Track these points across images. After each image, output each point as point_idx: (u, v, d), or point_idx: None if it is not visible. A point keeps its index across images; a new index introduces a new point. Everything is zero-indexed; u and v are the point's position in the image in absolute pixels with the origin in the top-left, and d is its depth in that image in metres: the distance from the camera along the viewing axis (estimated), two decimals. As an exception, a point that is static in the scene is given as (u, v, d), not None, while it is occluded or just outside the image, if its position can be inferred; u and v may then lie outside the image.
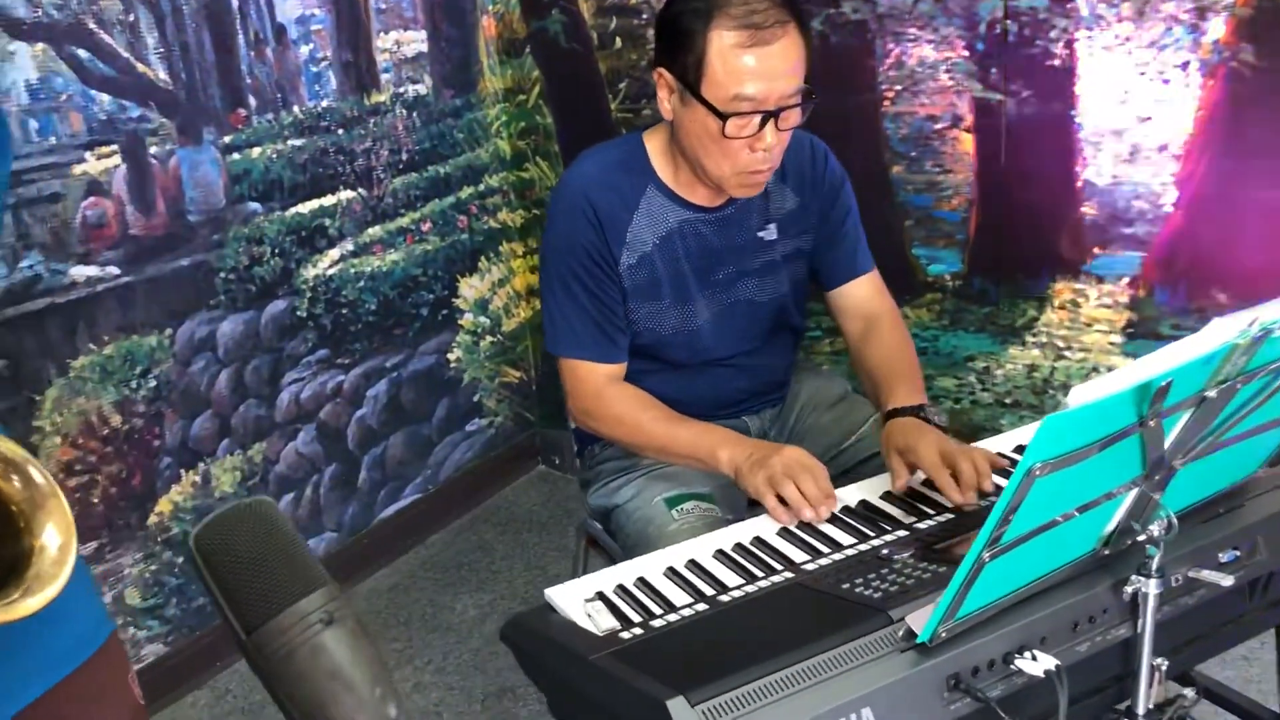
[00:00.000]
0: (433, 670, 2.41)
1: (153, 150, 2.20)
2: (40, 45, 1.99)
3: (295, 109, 2.50)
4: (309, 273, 2.56)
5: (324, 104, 2.56)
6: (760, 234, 1.71)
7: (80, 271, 2.10)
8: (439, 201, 2.89)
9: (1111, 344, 2.40)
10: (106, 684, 0.91)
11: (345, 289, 2.66)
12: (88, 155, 2.09)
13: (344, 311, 2.67)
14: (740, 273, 1.72)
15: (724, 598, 1.29)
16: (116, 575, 2.24)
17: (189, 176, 2.28)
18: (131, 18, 2.12)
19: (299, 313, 2.55)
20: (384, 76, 2.72)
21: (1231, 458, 1.25)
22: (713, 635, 1.21)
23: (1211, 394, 1.05)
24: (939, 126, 2.47)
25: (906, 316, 2.61)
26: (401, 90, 2.76)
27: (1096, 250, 2.37)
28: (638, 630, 1.23)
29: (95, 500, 2.18)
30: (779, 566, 1.36)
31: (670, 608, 1.28)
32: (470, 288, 3.03)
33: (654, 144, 1.65)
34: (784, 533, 1.45)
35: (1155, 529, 1.16)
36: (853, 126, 2.58)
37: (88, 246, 2.11)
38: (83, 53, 2.05)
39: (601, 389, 1.67)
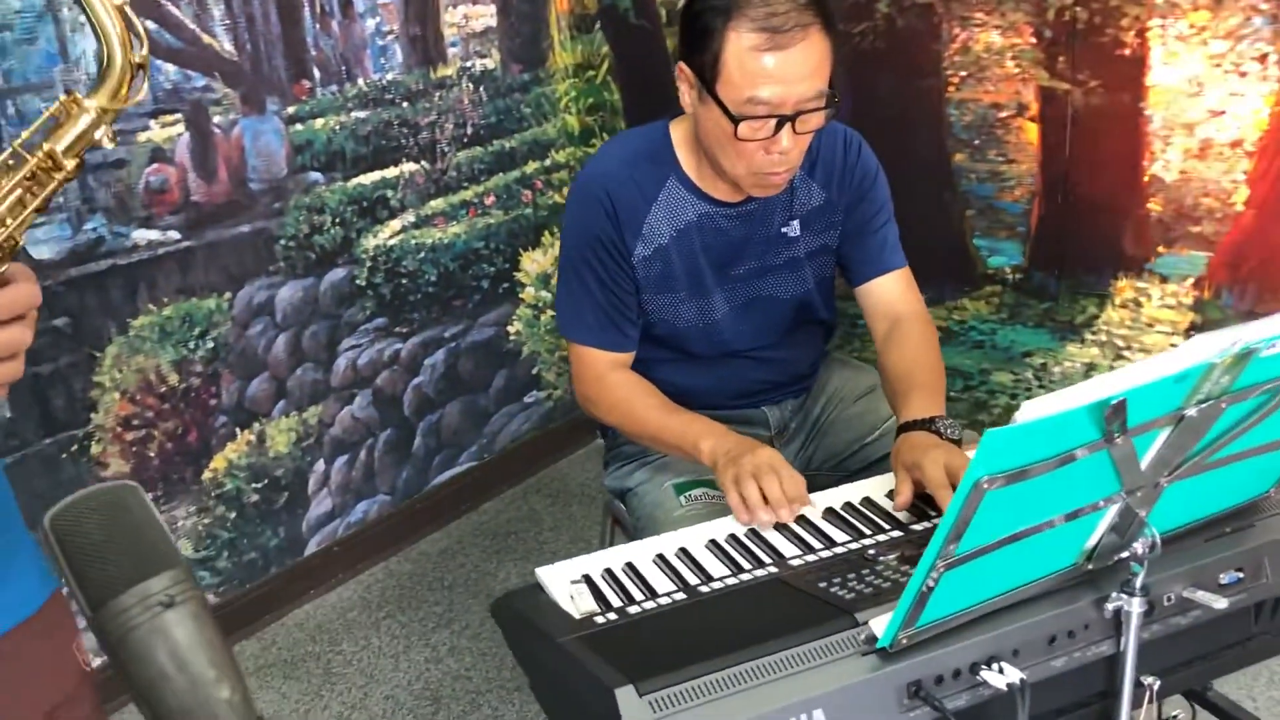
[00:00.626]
0: (469, 635, 2.47)
1: (216, 119, 2.27)
2: (109, 16, 2.07)
3: (360, 81, 2.55)
4: (369, 242, 2.62)
5: (389, 77, 2.61)
6: (784, 230, 1.69)
7: (142, 235, 2.18)
8: (504, 175, 2.92)
9: (1173, 346, 2.31)
10: (45, 648, 0.95)
11: (405, 260, 2.71)
12: (152, 123, 2.17)
13: (404, 281, 2.72)
14: (762, 269, 1.70)
15: (704, 589, 1.29)
16: (172, 527, 2.34)
17: (251, 145, 2.35)
18: (199, -10, 2.19)
19: (358, 281, 2.62)
20: (451, 50, 2.75)
21: (1233, 477, 1.20)
22: (681, 625, 1.21)
23: (1191, 413, 1.01)
24: (1004, 115, 2.41)
25: (964, 308, 2.57)
26: (469, 64, 2.79)
27: (1161, 249, 2.28)
28: (613, 615, 1.24)
29: (151, 454, 2.28)
30: (767, 560, 1.36)
31: (652, 594, 1.29)
32: (533, 262, 3.06)
33: (679, 134, 1.64)
34: (781, 526, 1.44)
35: (1139, 546, 1.13)
36: (916, 112, 2.52)
37: (150, 211, 2.19)
38: (150, 23, 2.13)
39: (604, 375, 1.67)
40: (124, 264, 2.16)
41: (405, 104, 2.65)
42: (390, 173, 2.65)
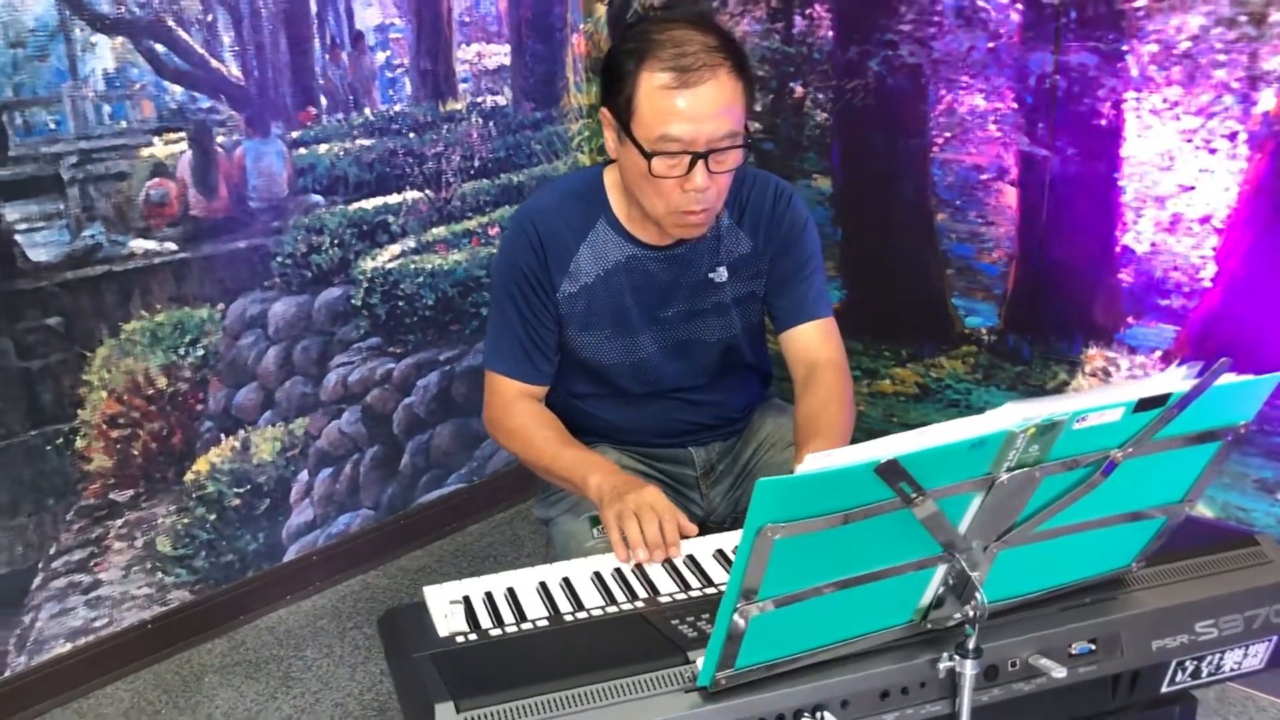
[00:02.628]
0: (429, 653, 2.52)
1: (219, 139, 2.39)
2: (120, 39, 2.20)
3: (366, 111, 2.66)
4: (367, 264, 2.72)
5: (397, 108, 2.72)
6: (710, 275, 1.74)
7: (139, 244, 2.30)
8: (509, 208, 3.00)
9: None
10: None
11: (404, 283, 2.81)
12: (156, 140, 2.29)
13: (400, 304, 2.82)
14: (690, 312, 1.75)
15: (569, 617, 1.34)
16: (150, 524, 2.44)
17: (253, 166, 2.46)
18: (210, 17, 2.32)
19: (354, 301, 2.72)
20: (462, 86, 2.85)
21: (1083, 548, 1.22)
22: (531, 650, 1.26)
23: (1003, 479, 1.04)
24: (985, 177, 2.43)
25: (941, 366, 2.58)
26: (480, 100, 2.89)
27: (1130, 319, 2.28)
28: (473, 636, 1.30)
29: (135, 452, 2.39)
30: (643, 594, 1.40)
31: (520, 619, 1.34)
32: (535, 293, 3.13)
33: (611, 178, 1.71)
34: (668, 563, 1.48)
35: (970, 609, 1.15)
36: (902, 169, 2.56)
37: (148, 222, 2.31)
38: (159, 47, 2.26)
39: (510, 403, 1.74)
40: (119, 270, 2.28)
41: (412, 134, 2.76)
42: (393, 199, 2.75)
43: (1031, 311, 2.43)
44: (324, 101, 2.57)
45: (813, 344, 1.74)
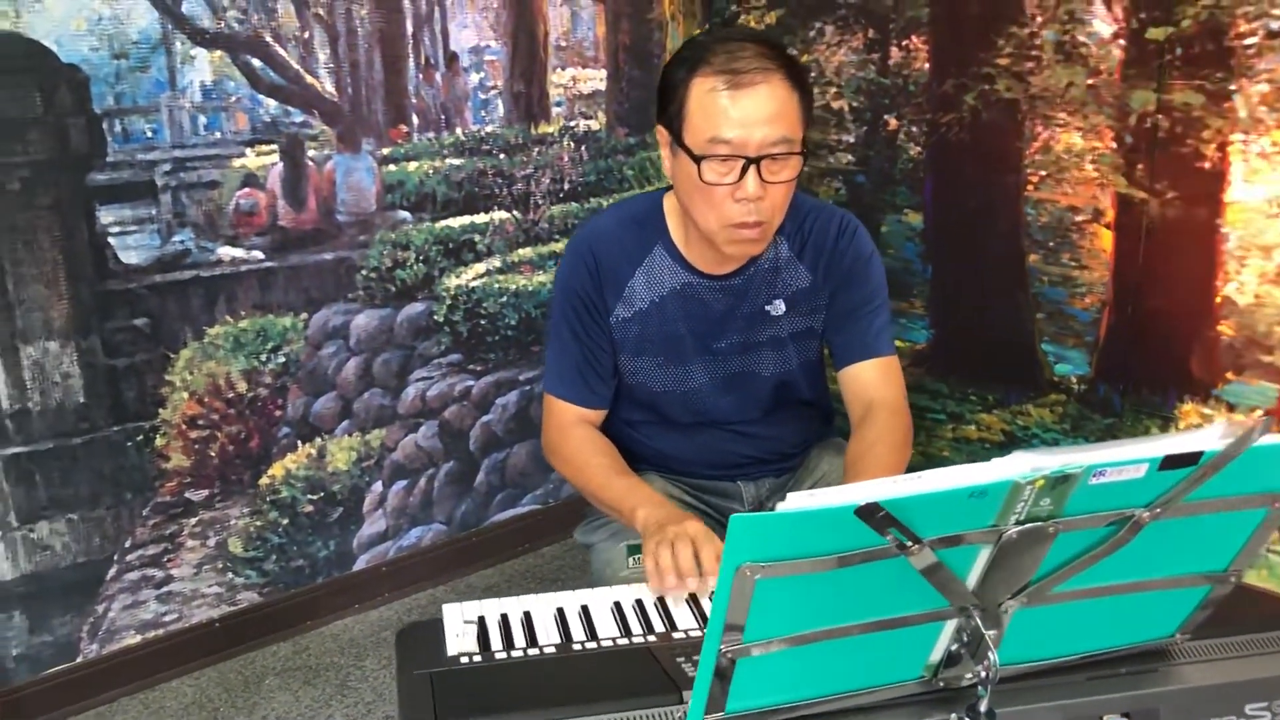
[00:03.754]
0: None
1: (311, 153, 2.45)
2: (219, 53, 2.28)
3: (458, 131, 2.70)
4: (451, 282, 2.75)
5: (488, 129, 2.75)
6: (767, 307, 1.69)
7: (227, 251, 2.38)
8: (598, 232, 3.00)
9: (1234, 480, 2.16)
10: None
11: (487, 301, 2.83)
12: (248, 151, 2.37)
13: (482, 322, 2.84)
14: (745, 344, 1.71)
15: (578, 647, 1.31)
16: (223, 524, 2.51)
17: (343, 180, 2.52)
18: (306, 35, 2.39)
19: (436, 316, 2.75)
20: (555, 109, 2.87)
21: (1118, 614, 1.13)
22: (530, 677, 1.23)
23: (1011, 534, 0.97)
24: (1079, 218, 2.32)
25: (1028, 414, 2.47)
26: (572, 124, 2.91)
27: (1230, 375, 2.14)
28: (478, 658, 1.28)
29: (212, 454, 2.46)
30: (659, 628, 1.36)
31: (530, 645, 1.32)
32: (621, 318, 3.12)
33: (671, 203, 1.68)
34: (691, 599, 1.44)
35: (983, 670, 1.08)
36: (994, 208, 2.47)
37: (237, 230, 2.38)
38: (256, 62, 2.33)
39: (567, 428, 1.72)
40: (206, 276, 2.36)
41: (502, 155, 2.78)
42: (480, 218, 2.78)
43: (1124, 361, 2.31)
44: (415, 120, 2.62)
45: (870, 383, 1.68)
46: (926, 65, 2.55)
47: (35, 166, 2.10)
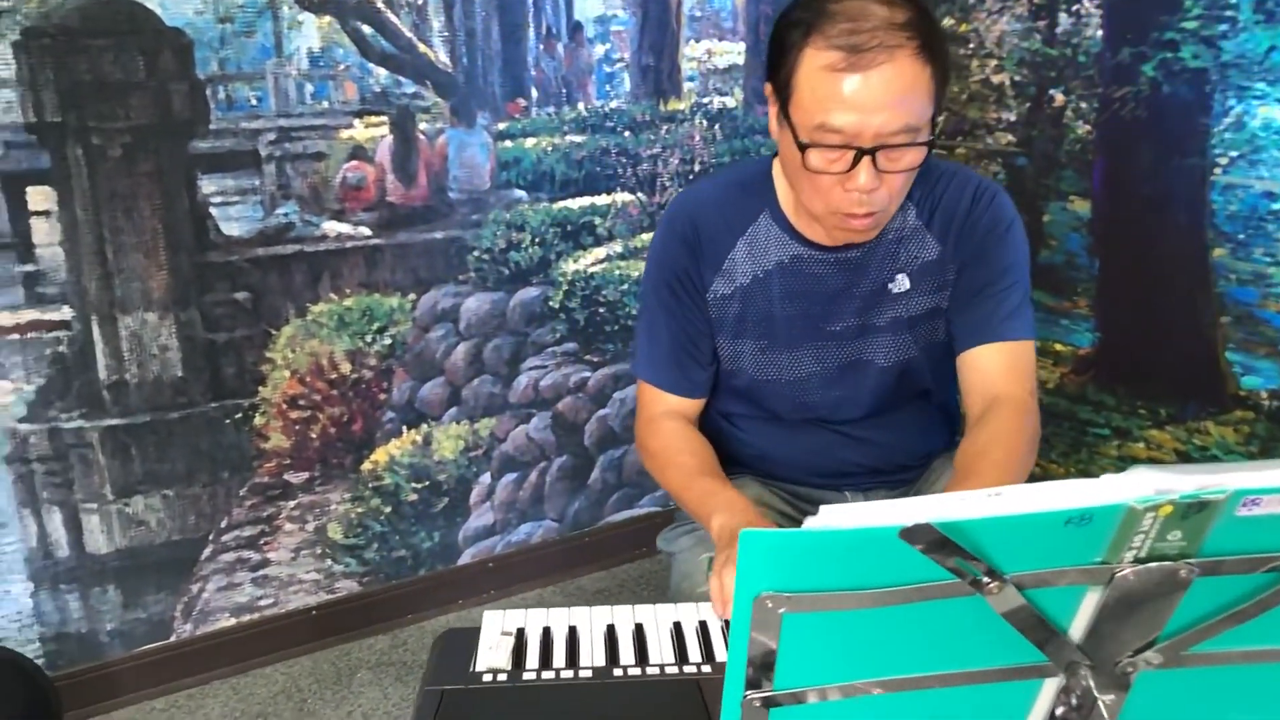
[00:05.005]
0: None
1: (422, 126, 2.35)
2: (327, 18, 2.20)
3: (580, 106, 2.55)
4: (569, 266, 2.61)
5: (613, 105, 2.59)
6: (889, 285, 1.46)
7: (332, 226, 2.29)
8: (731, 218, 2.81)
9: None
10: None
11: (606, 289, 2.67)
12: (356, 122, 2.27)
13: (601, 310, 2.68)
14: (861, 327, 1.48)
15: (618, 671, 1.13)
16: (323, 509, 2.43)
17: (455, 156, 2.40)
18: (420, 0, 2.28)
19: (551, 303, 2.61)
20: (687, 85, 2.69)
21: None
22: (551, 704, 1.06)
23: (1126, 573, 0.74)
24: (1277, 207, 1.99)
25: (1207, 432, 2.15)
26: (705, 100, 2.72)
27: None
28: (503, 677, 1.12)
29: (313, 435, 2.38)
30: (723, 658, 1.17)
31: (569, 665, 1.15)
32: (754, 312, 2.92)
33: (780, 167, 1.47)
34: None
35: (1100, 745, 0.84)
36: (1175, 194, 2.15)
37: (343, 205, 2.29)
38: (366, 28, 2.24)
39: (657, 419, 1.53)
40: (310, 251, 2.28)
41: (627, 133, 2.62)
42: (601, 200, 2.62)
43: (1328, 375, 1.96)
44: (534, 93, 2.48)
45: (994, 372, 1.42)
46: (1099, 32, 2.25)
47: (136, 132, 2.05)
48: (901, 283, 1.46)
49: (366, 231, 2.34)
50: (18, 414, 2.07)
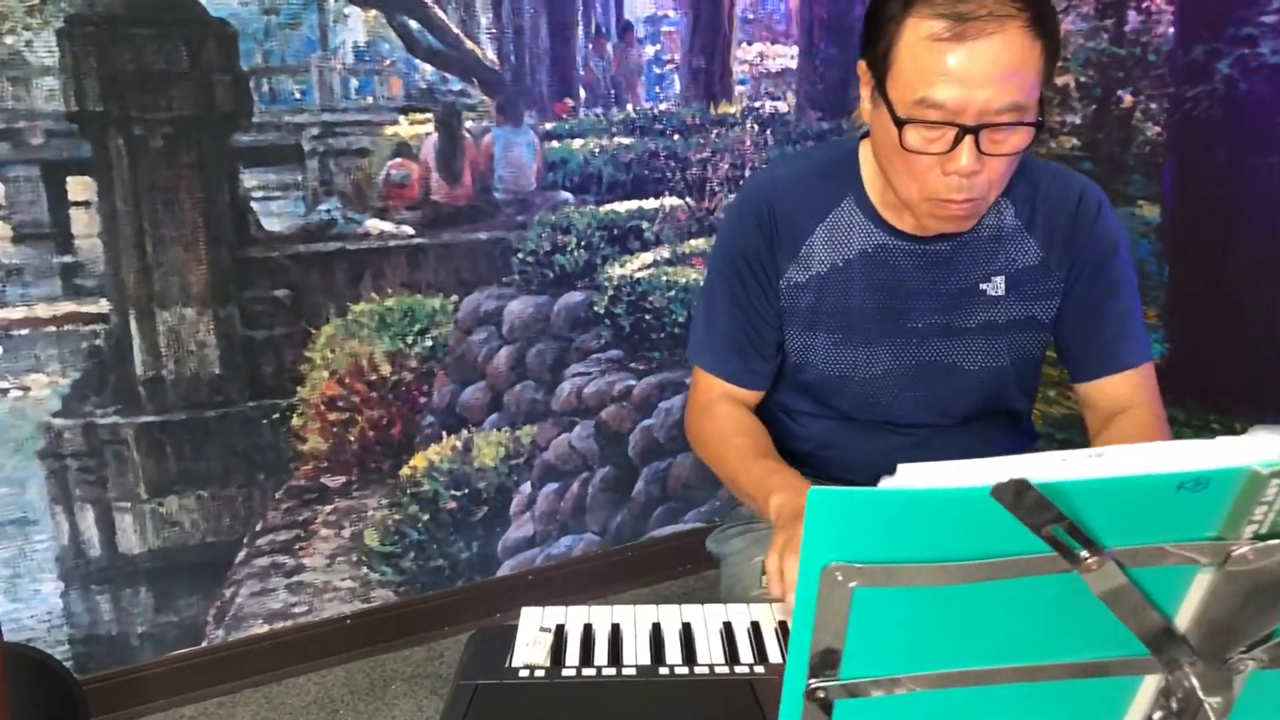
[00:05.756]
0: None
1: (468, 124, 2.30)
2: (373, 12, 2.16)
3: (629, 107, 2.49)
4: (614, 271, 2.54)
5: (662, 107, 2.53)
6: (983, 286, 1.37)
7: (375, 224, 2.25)
8: (782, 226, 2.73)
9: None
10: None
11: (653, 295, 2.60)
12: (401, 119, 2.23)
13: (647, 317, 2.61)
14: (947, 327, 1.38)
15: (664, 670, 1.05)
16: (359, 514, 2.37)
17: (501, 155, 2.36)
18: (468, -4, 2.24)
19: (596, 308, 2.54)
20: (739, 88, 2.63)
21: None
22: (591, 703, 0.99)
23: (1244, 550, 0.65)
24: (1365, 207, 1.88)
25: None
26: (757, 104, 2.65)
27: None
28: (540, 673, 1.05)
29: (351, 439, 2.33)
30: (777, 658, 1.08)
31: (612, 663, 1.07)
32: (804, 323, 2.83)
33: (868, 151, 1.37)
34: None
35: (1206, 751, 0.75)
36: (1252, 197, 2.05)
37: (386, 203, 2.25)
38: (413, 23, 2.20)
39: (712, 404, 1.45)
40: (352, 249, 2.23)
41: (676, 136, 2.56)
42: (649, 204, 2.56)
43: None
44: (583, 94, 2.43)
45: (1123, 396, 1.37)
46: (1171, 30, 2.16)
47: (178, 123, 2.02)
48: (998, 285, 1.37)
49: (409, 230, 2.29)
50: (52, 408, 2.03)
